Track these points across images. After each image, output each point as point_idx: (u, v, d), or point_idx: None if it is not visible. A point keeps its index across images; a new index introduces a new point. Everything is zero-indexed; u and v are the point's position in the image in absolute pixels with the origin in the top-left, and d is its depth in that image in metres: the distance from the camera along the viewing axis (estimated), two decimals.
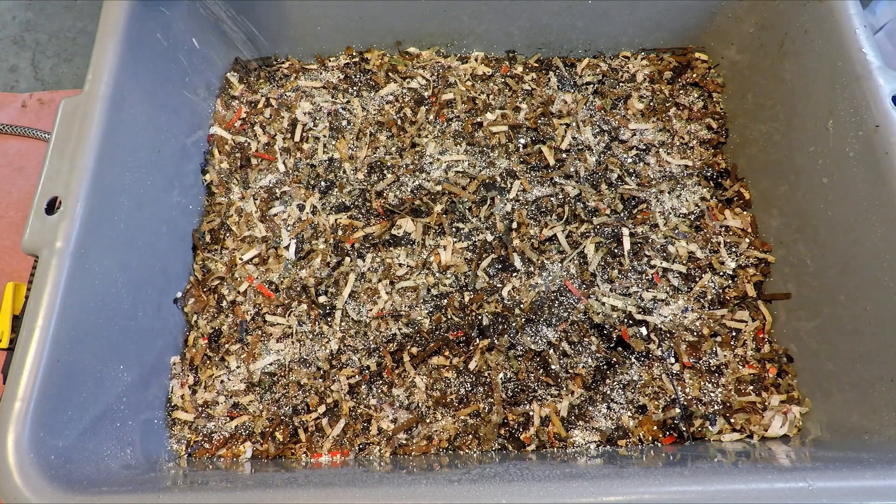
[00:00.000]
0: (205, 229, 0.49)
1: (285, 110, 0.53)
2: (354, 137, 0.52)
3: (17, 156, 0.59)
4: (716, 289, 0.46)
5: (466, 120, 0.53)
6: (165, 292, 0.45)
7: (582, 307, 0.45)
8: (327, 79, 0.55)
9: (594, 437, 0.42)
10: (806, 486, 0.29)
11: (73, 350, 0.34)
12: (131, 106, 0.42)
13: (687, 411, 0.42)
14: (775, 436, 0.42)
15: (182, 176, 0.48)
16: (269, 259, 0.48)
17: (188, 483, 0.36)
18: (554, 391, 0.43)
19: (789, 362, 0.44)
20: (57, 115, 0.39)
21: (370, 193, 0.50)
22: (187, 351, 0.45)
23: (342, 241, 0.48)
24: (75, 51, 0.66)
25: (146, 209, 0.43)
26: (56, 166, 0.37)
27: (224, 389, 0.44)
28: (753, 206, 0.49)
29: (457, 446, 0.42)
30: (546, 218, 0.49)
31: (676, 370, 0.44)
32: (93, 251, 0.37)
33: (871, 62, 0.40)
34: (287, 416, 0.43)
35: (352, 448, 0.42)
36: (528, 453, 0.41)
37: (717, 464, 0.37)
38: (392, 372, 0.44)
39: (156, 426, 0.42)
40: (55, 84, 0.64)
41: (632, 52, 0.56)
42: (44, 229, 0.36)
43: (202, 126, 0.52)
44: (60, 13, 0.67)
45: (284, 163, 0.51)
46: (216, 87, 0.54)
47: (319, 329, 0.45)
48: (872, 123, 0.38)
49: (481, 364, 0.44)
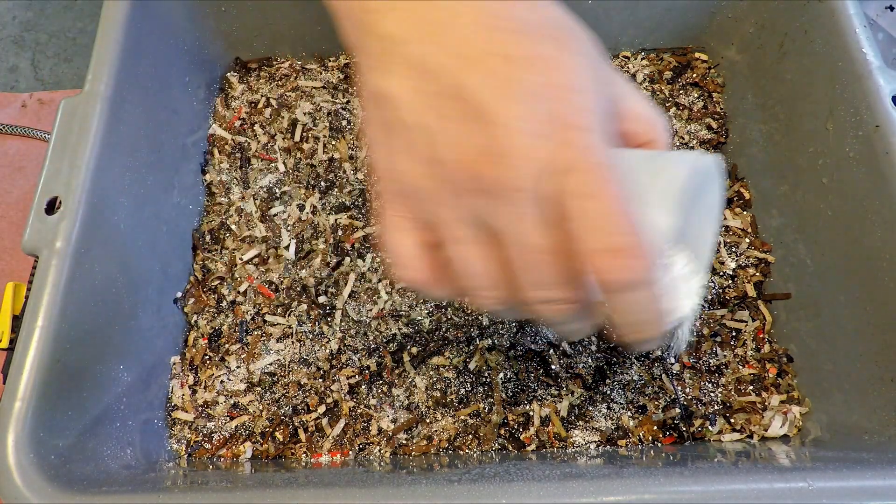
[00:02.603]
0: (205, 229, 0.49)
1: (285, 110, 0.53)
2: (354, 137, 0.52)
3: (17, 156, 0.59)
4: (716, 289, 0.46)
5: None
6: (165, 292, 0.45)
7: None
8: (327, 79, 0.55)
9: (594, 437, 0.42)
10: (806, 486, 0.29)
11: (73, 350, 0.34)
12: (131, 106, 0.42)
13: (687, 411, 0.42)
14: (775, 436, 0.42)
15: (182, 176, 0.48)
16: (269, 259, 0.48)
17: (188, 483, 0.36)
18: (554, 391, 0.43)
19: (789, 362, 0.44)
20: (57, 115, 0.39)
21: (370, 193, 0.50)
22: (187, 351, 0.45)
23: (342, 241, 0.48)
24: (75, 51, 0.66)
25: (146, 209, 0.43)
26: (56, 166, 0.37)
27: (224, 389, 0.44)
28: (753, 206, 0.49)
29: (457, 446, 0.42)
30: None
31: (676, 370, 0.44)
32: (93, 251, 0.37)
33: (871, 62, 0.40)
34: (287, 416, 0.43)
35: (352, 448, 0.42)
36: (528, 453, 0.41)
37: (717, 464, 0.37)
38: (392, 372, 0.44)
39: (156, 426, 0.42)
40: (55, 84, 0.64)
41: (632, 52, 0.56)
42: (44, 229, 0.36)
43: (202, 126, 0.52)
44: (60, 13, 0.67)
45: (284, 163, 0.51)
46: (216, 87, 0.55)
47: (319, 329, 0.45)
48: (872, 123, 0.38)
49: (481, 364, 0.44)
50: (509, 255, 0.23)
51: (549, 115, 0.22)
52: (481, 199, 0.22)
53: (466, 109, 0.22)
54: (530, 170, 0.22)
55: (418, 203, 0.24)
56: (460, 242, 0.24)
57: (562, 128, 0.22)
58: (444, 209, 0.23)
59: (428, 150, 0.23)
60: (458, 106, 0.22)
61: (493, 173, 0.22)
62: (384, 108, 0.24)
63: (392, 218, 0.25)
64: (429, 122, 0.23)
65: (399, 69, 0.23)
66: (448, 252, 0.24)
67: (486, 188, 0.22)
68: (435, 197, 0.23)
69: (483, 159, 0.22)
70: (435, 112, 0.23)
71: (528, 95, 0.22)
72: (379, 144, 0.25)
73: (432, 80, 0.23)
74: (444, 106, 0.22)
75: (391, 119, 0.24)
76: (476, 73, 0.22)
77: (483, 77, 0.22)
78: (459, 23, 0.23)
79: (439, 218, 0.24)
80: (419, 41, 0.23)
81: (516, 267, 0.23)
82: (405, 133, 0.23)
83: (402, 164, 0.24)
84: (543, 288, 0.24)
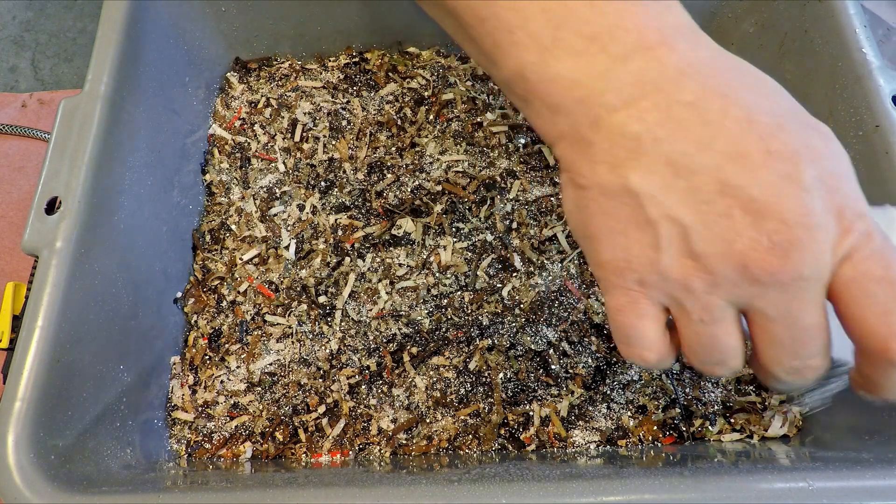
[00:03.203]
0: (205, 229, 0.49)
1: (285, 110, 0.53)
2: (354, 137, 0.52)
3: (17, 156, 0.59)
4: None
5: (466, 120, 0.53)
6: (165, 292, 0.45)
7: (582, 307, 0.45)
8: (327, 79, 0.55)
9: (594, 437, 0.42)
10: (806, 486, 0.29)
11: (73, 350, 0.34)
12: (131, 106, 0.42)
13: (687, 411, 0.42)
14: (775, 436, 0.42)
15: (182, 176, 0.48)
16: (269, 259, 0.48)
17: (188, 483, 0.36)
18: (554, 391, 0.43)
19: None
20: (57, 115, 0.39)
21: (370, 193, 0.50)
22: (187, 351, 0.45)
23: (342, 241, 0.48)
24: (75, 51, 0.66)
25: (146, 209, 0.43)
26: (56, 166, 0.37)
27: (224, 389, 0.44)
28: None
29: (457, 446, 0.42)
30: (546, 218, 0.49)
31: (676, 370, 0.44)
32: (93, 251, 0.37)
33: (871, 62, 0.40)
34: (287, 416, 0.43)
35: (352, 448, 0.42)
36: (528, 453, 0.41)
37: (717, 464, 0.37)
38: (392, 372, 0.44)
39: (156, 426, 0.42)
40: (55, 84, 0.64)
41: None
42: (44, 229, 0.36)
43: (202, 126, 0.52)
44: (60, 13, 0.68)
45: (284, 163, 0.51)
46: (216, 87, 0.55)
47: (319, 329, 0.45)
48: (872, 123, 0.38)
49: (481, 364, 0.44)
50: (773, 332, 0.24)
51: (825, 206, 0.23)
52: (746, 288, 0.23)
53: (733, 205, 0.23)
54: (813, 263, 0.22)
55: (661, 290, 0.25)
56: (713, 323, 0.25)
57: (839, 217, 0.23)
58: (694, 295, 0.24)
59: (682, 244, 0.24)
60: (722, 202, 0.23)
61: (771, 267, 0.22)
62: (622, 203, 0.24)
63: (630, 304, 0.26)
64: (682, 217, 0.23)
65: (646, 166, 0.24)
66: (693, 330, 0.25)
67: (757, 278, 0.23)
68: (686, 284, 0.24)
69: (756, 254, 0.22)
70: (691, 208, 0.23)
71: (802, 189, 0.22)
72: (611, 235, 0.25)
73: (685, 177, 0.23)
74: (702, 202, 0.23)
75: (630, 214, 0.24)
76: (743, 169, 0.22)
77: (751, 173, 0.22)
78: (711, 119, 0.23)
79: (686, 302, 0.25)
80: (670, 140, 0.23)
81: (778, 341, 0.25)
82: (648, 228, 0.24)
83: (644, 254, 0.24)
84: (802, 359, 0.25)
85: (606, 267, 0.26)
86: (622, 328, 0.26)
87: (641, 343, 0.26)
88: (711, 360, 0.26)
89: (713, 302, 0.24)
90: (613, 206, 0.25)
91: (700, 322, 0.25)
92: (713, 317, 0.24)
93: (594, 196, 0.25)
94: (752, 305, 0.24)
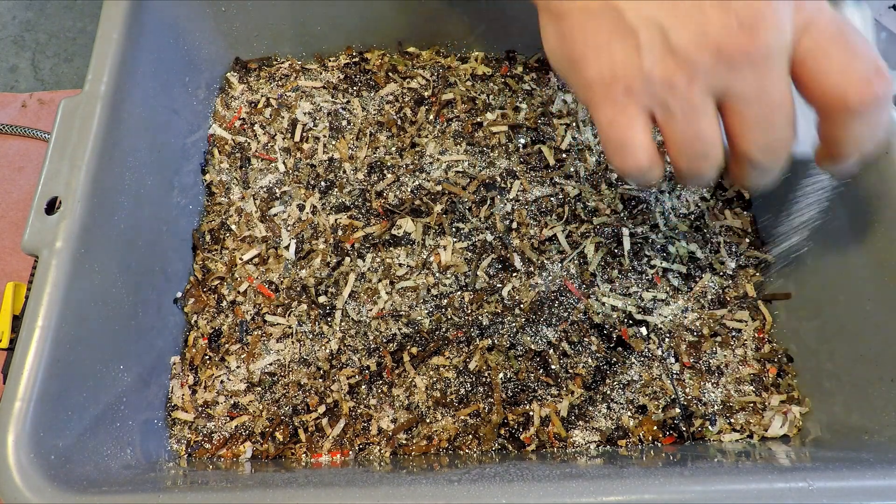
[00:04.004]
0: (205, 229, 0.49)
1: (285, 110, 0.53)
2: (354, 137, 0.52)
3: (17, 156, 0.59)
4: (716, 289, 0.46)
5: (466, 120, 0.53)
6: (165, 292, 0.45)
7: (582, 307, 0.45)
8: (327, 79, 0.55)
9: (594, 437, 0.42)
10: (806, 486, 0.29)
11: (73, 350, 0.34)
12: (131, 106, 0.42)
13: (687, 411, 0.42)
14: (775, 436, 0.42)
15: (182, 176, 0.48)
16: (269, 259, 0.48)
17: (188, 483, 0.36)
18: (554, 391, 0.43)
19: (789, 362, 0.44)
20: (57, 115, 0.39)
21: (370, 193, 0.50)
22: (187, 351, 0.45)
23: (342, 241, 0.48)
24: (75, 51, 0.66)
25: (146, 209, 0.43)
26: (56, 166, 0.37)
27: (224, 389, 0.44)
28: (753, 206, 0.49)
29: (457, 446, 0.42)
30: (546, 218, 0.49)
31: (676, 370, 0.44)
32: (93, 251, 0.37)
33: None
34: (287, 416, 0.43)
35: (352, 448, 0.42)
36: (528, 453, 0.41)
37: (717, 464, 0.37)
38: (392, 372, 0.44)
39: (156, 426, 0.42)
40: (55, 84, 0.64)
41: None
42: (44, 229, 0.36)
43: (202, 126, 0.52)
44: (60, 13, 0.68)
45: (284, 163, 0.51)
46: (216, 87, 0.55)
47: (319, 329, 0.45)
48: None
49: (481, 364, 0.44)
50: (747, 113, 0.27)
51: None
52: (722, 73, 0.26)
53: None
54: (778, 36, 0.25)
55: (647, 94, 0.27)
56: (695, 115, 0.27)
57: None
58: (676, 91, 0.26)
59: (662, 43, 0.26)
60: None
61: (743, 46, 0.25)
62: (603, 18, 0.27)
63: (620, 115, 0.28)
64: (659, 17, 0.26)
65: None
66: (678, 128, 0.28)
67: (729, 61, 0.25)
68: (668, 82, 0.26)
69: (728, 36, 0.25)
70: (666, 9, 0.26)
71: None
72: (596, 51, 0.28)
73: None
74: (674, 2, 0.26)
75: (612, 26, 0.27)
76: None
77: None
78: None
79: (670, 101, 0.27)
80: None
81: (753, 120, 0.27)
82: (629, 35, 0.27)
83: (629, 62, 0.27)
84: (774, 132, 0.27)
85: (593, 84, 0.28)
86: (615, 139, 0.28)
87: (635, 147, 0.28)
88: (696, 152, 0.28)
89: (694, 95, 0.26)
90: (595, 24, 0.27)
91: (684, 119, 0.27)
92: (695, 110, 0.27)
93: (576, 19, 0.28)
94: (728, 91, 0.26)
